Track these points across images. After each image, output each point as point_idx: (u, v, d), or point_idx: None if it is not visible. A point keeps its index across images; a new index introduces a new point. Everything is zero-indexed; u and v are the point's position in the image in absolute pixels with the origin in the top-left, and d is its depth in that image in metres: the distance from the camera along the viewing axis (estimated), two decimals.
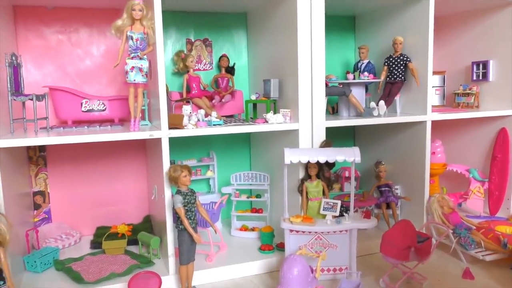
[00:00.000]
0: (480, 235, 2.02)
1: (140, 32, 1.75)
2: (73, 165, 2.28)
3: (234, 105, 2.33)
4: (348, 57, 2.74)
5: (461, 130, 2.69)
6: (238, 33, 2.50)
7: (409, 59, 2.27)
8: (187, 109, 1.90)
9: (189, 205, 1.74)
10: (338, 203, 1.90)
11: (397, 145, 2.43)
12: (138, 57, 1.75)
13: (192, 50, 2.41)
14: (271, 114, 1.99)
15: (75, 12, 2.19)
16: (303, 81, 1.97)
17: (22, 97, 1.74)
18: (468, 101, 2.58)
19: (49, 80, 2.18)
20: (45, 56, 2.17)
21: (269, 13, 2.19)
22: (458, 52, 2.72)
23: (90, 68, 2.25)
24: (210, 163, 2.43)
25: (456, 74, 2.74)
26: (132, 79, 1.76)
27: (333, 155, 1.83)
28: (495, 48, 2.50)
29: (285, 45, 2.06)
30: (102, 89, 2.28)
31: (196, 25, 2.41)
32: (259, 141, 2.44)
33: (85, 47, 2.24)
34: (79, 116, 2.10)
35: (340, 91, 2.21)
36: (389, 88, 2.36)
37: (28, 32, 2.13)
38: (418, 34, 2.23)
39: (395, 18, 2.38)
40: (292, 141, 2.02)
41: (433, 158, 2.46)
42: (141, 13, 1.73)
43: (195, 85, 2.21)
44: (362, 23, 2.68)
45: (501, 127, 2.46)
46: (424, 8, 2.17)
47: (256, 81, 2.43)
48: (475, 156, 2.64)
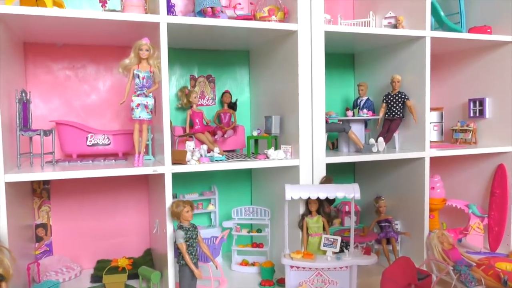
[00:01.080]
0: (481, 272, 2.02)
1: (147, 71, 1.81)
2: (76, 198, 2.31)
3: (236, 140, 2.38)
4: (348, 93, 2.80)
5: (459, 165, 2.73)
6: (241, 70, 2.57)
7: (407, 97, 2.33)
8: (190, 145, 1.94)
9: (190, 241, 1.76)
10: (338, 239, 1.92)
11: (397, 181, 2.46)
12: (144, 94, 1.81)
13: (196, 86, 2.48)
14: (273, 150, 2.04)
15: (83, 49, 2.26)
16: (303, 118, 2.02)
17: (30, 132, 1.79)
18: (466, 137, 2.62)
19: (55, 115, 2.23)
20: (52, 91, 2.23)
21: (271, 51, 2.26)
22: (455, 89, 2.78)
23: (95, 103, 2.31)
24: (211, 197, 2.45)
25: (454, 111, 2.80)
26: (137, 116, 1.81)
27: (333, 192, 1.86)
28: (491, 86, 2.56)
29: (286, 82, 2.12)
30: (107, 123, 2.33)
31: (200, 62, 2.49)
32: (260, 176, 2.48)
33: (91, 82, 2.30)
34: (84, 150, 2.14)
35: (340, 127, 2.25)
36: (388, 125, 2.41)
37: (37, 68, 2.20)
38: (415, 72, 2.29)
39: (393, 57, 2.45)
40: (292, 176, 2.05)
41: (433, 193, 2.49)
42: (148, 52, 1.79)
43: (198, 120, 2.26)
44: (361, 61, 2.76)
45: (499, 163, 2.50)
46: (421, 48, 2.24)
47: (257, 116, 2.49)
48: (474, 191, 2.66)
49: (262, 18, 2.03)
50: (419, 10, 2.23)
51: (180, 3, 2.40)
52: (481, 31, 2.42)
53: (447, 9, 2.61)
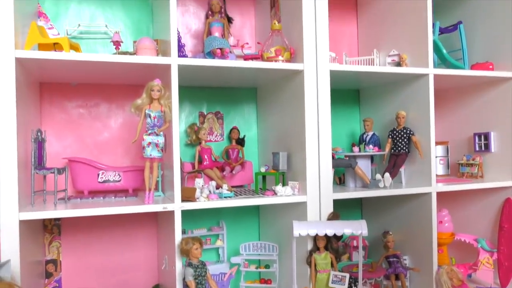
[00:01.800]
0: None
1: (158, 111, 1.87)
2: (86, 234, 2.34)
3: (244, 175, 2.42)
4: (354, 128, 2.85)
5: (467, 199, 2.73)
6: (249, 107, 2.63)
7: (412, 132, 2.37)
8: (200, 182, 1.97)
9: (199, 278, 1.77)
10: (346, 276, 1.92)
11: (404, 215, 2.47)
12: (155, 133, 1.86)
13: (205, 122, 2.53)
14: (280, 187, 2.07)
15: (96, 88, 2.34)
16: (310, 154, 2.05)
17: (44, 171, 1.84)
18: (472, 171, 2.64)
19: (69, 151, 2.29)
20: (66, 128, 2.30)
21: (278, 89, 2.33)
22: (460, 123, 2.81)
23: (107, 140, 2.37)
24: (219, 232, 2.47)
25: (459, 144, 2.82)
26: (148, 154, 1.86)
27: (340, 228, 1.88)
28: (495, 120, 2.59)
29: (293, 119, 2.17)
30: (118, 159, 2.38)
31: (208, 99, 2.55)
32: (268, 211, 2.50)
33: (104, 120, 2.37)
34: (95, 186, 2.18)
35: (347, 163, 2.29)
36: (394, 160, 2.44)
37: (52, 106, 2.27)
38: (420, 108, 2.33)
39: (397, 93, 2.50)
40: (300, 212, 2.08)
41: (441, 227, 2.48)
42: (159, 93, 1.86)
43: (207, 157, 2.30)
44: (366, 97, 2.81)
45: (506, 197, 2.50)
46: (424, 84, 2.29)
47: (265, 152, 2.53)
48: (483, 225, 2.65)
49: (269, 58, 2.10)
50: (422, 47, 2.29)
51: (190, 43, 2.50)
52: (483, 67, 2.47)
53: (449, 45, 2.68)
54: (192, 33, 2.52)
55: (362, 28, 2.85)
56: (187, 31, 2.51)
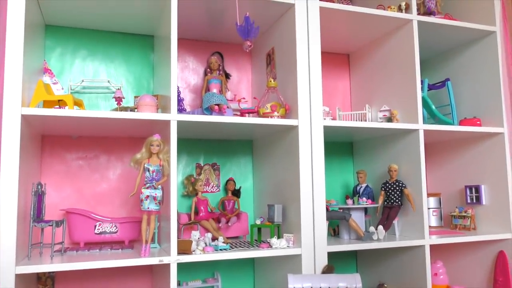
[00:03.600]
0: None
1: (157, 165, 1.92)
2: (80, 286, 2.32)
3: (240, 227, 2.44)
4: (347, 180, 2.90)
5: (461, 251, 2.74)
6: (245, 159, 2.70)
7: (404, 185, 2.42)
8: (196, 235, 2.00)
9: None
10: None
11: (399, 267, 2.47)
12: (153, 187, 1.91)
13: (201, 173, 2.59)
14: (275, 239, 2.09)
15: (96, 140, 2.40)
16: (305, 207, 2.09)
17: (42, 224, 1.86)
18: (465, 224, 2.67)
19: (66, 202, 2.31)
20: (65, 180, 2.34)
21: (273, 143, 2.40)
22: (451, 175, 2.87)
23: (105, 191, 2.41)
24: (214, 284, 2.45)
25: (452, 196, 2.87)
26: (146, 207, 1.90)
27: (335, 283, 1.88)
28: (485, 173, 2.65)
29: (287, 171, 2.23)
30: (115, 210, 2.40)
31: (205, 151, 2.62)
32: (263, 263, 2.50)
33: (102, 171, 2.41)
34: (91, 238, 2.19)
35: (341, 215, 2.32)
36: (387, 212, 2.48)
37: (52, 158, 2.32)
38: (411, 161, 2.40)
39: (389, 146, 2.58)
40: (295, 265, 2.09)
41: (435, 279, 2.49)
42: (159, 148, 1.92)
43: (203, 208, 2.33)
44: (359, 149, 2.89)
45: (499, 250, 2.52)
46: (415, 139, 2.36)
47: (260, 203, 2.57)
48: (477, 277, 2.65)
49: (265, 114, 2.19)
50: (411, 103, 2.39)
51: (189, 97, 2.60)
52: (471, 123, 2.57)
53: (438, 100, 2.79)
54: (191, 88, 2.63)
55: (355, 83, 2.97)
56: (186, 86, 2.61)
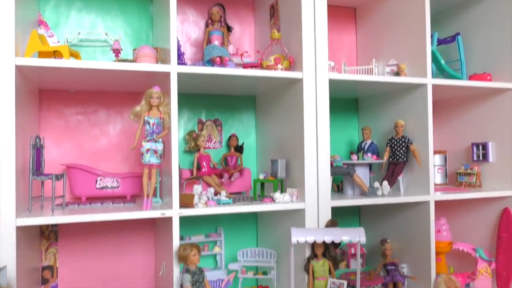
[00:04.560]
0: None
1: (157, 117, 1.88)
2: (83, 240, 2.33)
3: (243, 182, 2.42)
4: (352, 137, 2.86)
5: (465, 208, 2.73)
6: (247, 114, 2.64)
7: (410, 141, 2.38)
8: (198, 189, 1.98)
9: (197, 284, 1.77)
10: (344, 283, 1.92)
11: (402, 224, 2.47)
12: (153, 140, 1.87)
13: (203, 129, 2.54)
14: (279, 194, 2.07)
15: (95, 95, 2.35)
16: (309, 162, 2.06)
17: (42, 177, 1.84)
18: (470, 181, 2.64)
19: (67, 158, 2.29)
20: (64, 135, 2.30)
21: (277, 97, 2.34)
22: (458, 133, 2.82)
23: (106, 146, 2.37)
24: (217, 239, 2.47)
25: (458, 154, 2.83)
26: (147, 161, 1.86)
27: (338, 236, 1.88)
28: (493, 131, 2.59)
29: (291, 127, 2.18)
30: (116, 166, 2.38)
31: (207, 106, 2.56)
32: (266, 218, 2.50)
33: (102, 127, 2.37)
34: (93, 192, 2.18)
35: (345, 171, 2.29)
36: (392, 168, 2.44)
37: (50, 113, 2.28)
38: (418, 117, 2.34)
39: (396, 102, 2.51)
40: (298, 219, 2.08)
41: (438, 236, 2.48)
42: (158, 100, 1.87)
43: (205, 163, 2.31)
44: (364, 106, 2.83)
45: (504, 207, 2.50)
46: (423, 94, 2.30)
47: (263, 159, 2.53)
48: (481, 234, 2.65)
49: (268, 67, 2.11)
50: (420, 58, 2.31)
51: (189, 51, 2.52)
52: (481, 78, 2.49)
53: (447, 56, 2.69)
54: (192, 41, 2.54)
55: (361, 37, 2.87)
56: (186, 40, 2.53)
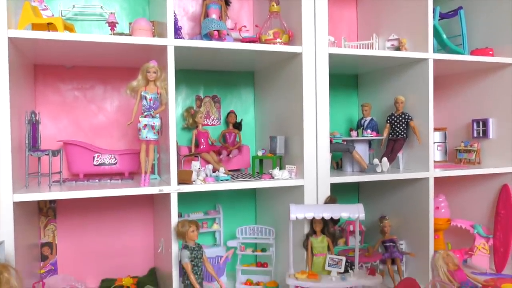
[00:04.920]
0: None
1: (154, 93, 1.84)
2: (82, 217, 2.33)
3: (241, 159, 2.40)
4: (352, 113, 2.83)
5: (464, 185, 2.73)
6: (246, 90, 2.61)
7: (410, 118, 2.35)
8: (196, 165, 1.96)
9: (195, 260, 1.77)
10: (343, 259, 1.92)
11: (401, 200, 2.47)
12: (151, 115, 1.84)
13: (201, 106, 2.51)
14: (277, 170, 2.05)
15: (91, 70, 2.31)
16: (308, 138, 2.04)
17: (38, 153, 1.82)
18: (470, 158, 2.63)
19: (64, 134, 2.26)
20: (61, 111, 2.27)
21: (276, 73, 2.30)
22: (459, 109, 2.80)
23: (103, 123, 2.35)
24: (216, 216, 2.47)
25: (458, 131, 2.81)
26: (144, 136, 1.84)
27: (337, 212, 1.87)
28: (494, 107, 2.58)
29: (290, 103, 2.15)
30: (114, 143, 2.36)
31: (205, 83, 2.53)
32: (265, 195, 2.49)
33: (99, 103, 2.34)
34: (90, 169, 2.16)
35: (344, 147, 2.27)
36: (392, 145, 2.43)
37: (46, 89, 2.24)
38: (419, 93, 2.31)
39: (396, 78, 2.48)
40: (297, 196, 2.07)
41: (437, 213, 2.48)
42: (155, 75, 1.83)
43: (204, 140, 2.29)
44: (364, 82, 2.79)
45: (503, 183, 2.50)
46: (424, 69, 2.27)
47: (262, 136, 2.51)
48: (479, 211, 2.66)
49: (267, 41, 2.07)
50: (422, 32, 2.27)
51: (187, 25, 2.47)
52: (483, 53, 2.45)
53: (449, 31, 2.65)
54: (189, 15, 2.49)
55: (362, 12, 2.81)
56: (184, 14, 2.47)
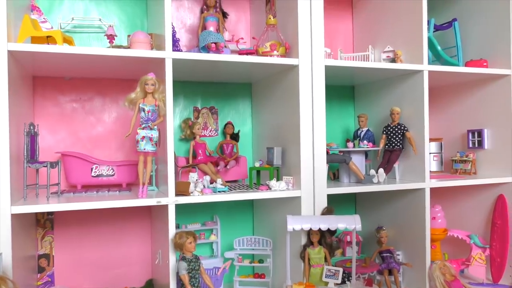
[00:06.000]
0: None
1: (152, 105, 1.86)
2: (79, 228, 2.32)
3: (239, 170, 2.42)
4: (348, 124, 2.85)
5: (460, 195, 2.74)
6: (243, 102, 2.63)
7: (406, 128, 2.37)
8: (194, 176, 1.97)
9: (193, 272, 1.77)
10: (340, 270, 1.93)
11: (398, 211, 2.48)
12: (149, 127, 1.85)
13: (199, 117, 2.53)
14: (274, 181, 2.07)
15: (90, 82, 2.33)
16: (305, 149, 2.05)
17: (37, 165, 1.83)
18: (466, 168, 2.65)
19: (62, 146, 2.27)
20: (59, 122, 2.28)
21: (273, 84, 2.32)
22: (454, 120, 2.82)
23: (101, 134, 2.36)
24: (213, 227, 2.47)
25: (453, 141, 2.83)
26: (142, 148, 1.85)
27: (334, 223, 1.88)
28: (489, 117, 2.60)
29: (287, 114, 2.17)
30: (112, 154, 2.37)
31: (203, 94, 2.55)
32: (262, 206, 2.50)
33: (97, 114, 2.35)
34: (88, 181, 2.17)
35: (341, 158, 2.29)
36: (388, 156, 2.44)
37: (45, 100, 2.26)
38: (414, 104, 2.33)
39: (392, 89, 2.50)
40: (294, 207, 2.08)
41: (434, 223, 2.49)
42: (154, 87, 1.85)
43: (201, 151, 2.30)
44: (360, 93, 2.82)
45: (499, 193, 2.51)
46: (419, 81, 2.29)
47: (259, 147, 2.53)
48: (476, 221, 2.67)
49: (264, 53, 2.10)
50: (417, 44, 2.30)
51: (185, 37, 2.49)
52: (478, 64, 2.48)
53: (443, 42, 2.68)
54: (187, 28, 2.52)
55: (358, 24, 2.85)
56: (182, 26, 2.50)
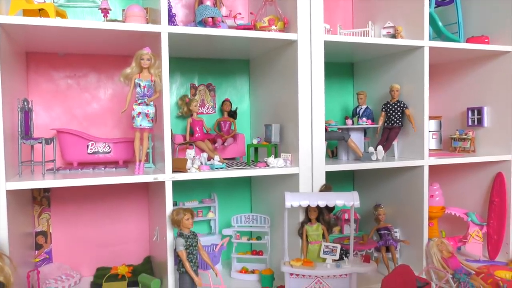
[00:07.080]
0: (480, 280, 2.03)
1: (148, 80, 1.83)
2: (76, 206, 2.32)
3: (236, 148, 2.40)
4: (347, 102, 2.82)
5: (458, 173, 2.74)
6: (241, 79, 2.59)
7: (405, 106, 2.35)
8: (191, 153, 1.95)
9: (190, 248, 1.77)
10: (337, 247, 1.93)
11: (396, 189, 2.47)
12: (144, 103, 1.82)
13: (196, 94, 2.50)
14: (272, 158, 2.05)
15: (84, 58, 2.28)
16: (303, 126, 2.03)
17: (31, 141, 1.80)
18: (464, 146, 2.64)
19: (57, 123, 2.25)
20: (54, 99, 2.25)
21: (271, 60, 2.29)
22: (454, 98, 2.80)
23: (96, 111, 2.33)
24: (211, 204, 2.46)
25: (452, 119, 2.81)
26: (138, 124, 1.83)
27: (332, 200, 1.87)
28: (489, 95, 2.58)
29: (286, 91, 2.14)
30: (108, 131, 2.34)
31: (200, 71, 2.51)
32: (260, 184, 2.49)
33: (92, 91, 2.32)
34: (84, 158, 2.15)
35: (339, 136, 2.27)
36: (387, 133, 2.43)
37: (39, 76, 2.22)
38: (414, 81, 2.31)
39: (392, 66, 2.47)
40: (292, 184, 2.07)
41: (431, 201, 2.50)
42: (149, 62, 1.81)
43: (198, 129, 2.27)
44: (360, 70, 2.78)
45: (497, 171, 2.51)
46: (419, 57, 2.26)
47: (257, 125, 2.50)
48: (473, 199, 2.67)
49: (262, 28, 2.05)
50: (418, 20, 2.26)
51: (181, 13, 2.44)
52: (479, 41, 2.44)
53: (445, 19, 2.64)
54: (184, 3, 2.46)
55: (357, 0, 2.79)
56: (178, 1, 2.44)
